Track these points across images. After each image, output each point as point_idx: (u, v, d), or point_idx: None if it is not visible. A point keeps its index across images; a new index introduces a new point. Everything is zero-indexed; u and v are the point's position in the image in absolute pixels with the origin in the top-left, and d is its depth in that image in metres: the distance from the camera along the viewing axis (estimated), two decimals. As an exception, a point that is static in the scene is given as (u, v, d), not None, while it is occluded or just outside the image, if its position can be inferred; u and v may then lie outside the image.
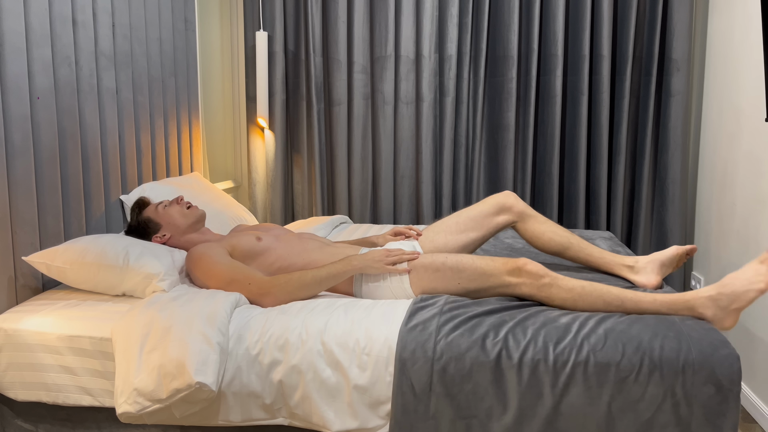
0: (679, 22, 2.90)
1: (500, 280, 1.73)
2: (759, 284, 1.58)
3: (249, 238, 1.97)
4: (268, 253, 1.94)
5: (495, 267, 1.74)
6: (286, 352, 1.57)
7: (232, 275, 1.81)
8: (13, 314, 1.76)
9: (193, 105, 2.85)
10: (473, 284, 1.76)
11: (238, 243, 1.94)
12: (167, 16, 2.61)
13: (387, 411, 1.53)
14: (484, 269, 1.74)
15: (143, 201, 2.12)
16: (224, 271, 1.82)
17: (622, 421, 1.46)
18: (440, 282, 1.78)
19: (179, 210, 2.07)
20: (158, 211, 2.07)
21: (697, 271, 2.99)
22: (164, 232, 2.06)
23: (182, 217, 2.07)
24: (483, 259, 1.77)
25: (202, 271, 1.85)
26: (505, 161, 3.10)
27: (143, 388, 1.52)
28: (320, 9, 3.10)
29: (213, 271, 1.83)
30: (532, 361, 1.49)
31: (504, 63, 3.05)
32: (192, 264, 1.88)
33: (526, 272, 1.70)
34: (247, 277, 1.80)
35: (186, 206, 2.09)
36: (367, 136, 3.17)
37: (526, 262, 1.72)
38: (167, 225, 2.06)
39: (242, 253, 1.92)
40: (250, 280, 1.79)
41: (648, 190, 3.06)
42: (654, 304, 1.64)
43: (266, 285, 1.78)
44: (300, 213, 3.31)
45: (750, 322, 2.42)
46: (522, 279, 1.71)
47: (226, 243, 1.94)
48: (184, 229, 2.07)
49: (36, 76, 1.87)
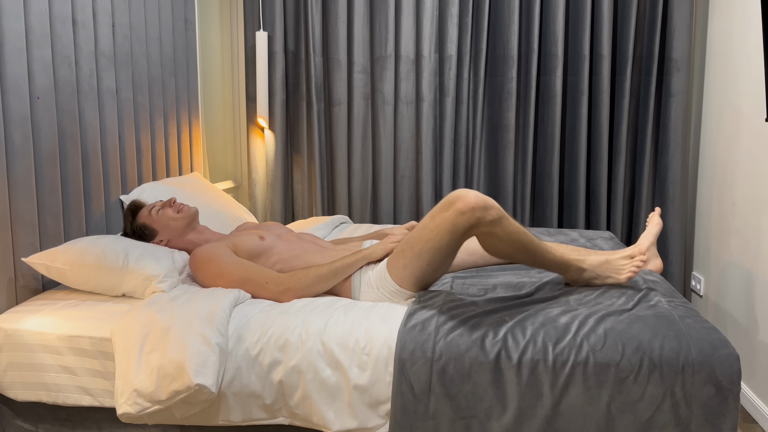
0: (679, 22, 2.90)
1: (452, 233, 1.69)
2: (621, 276, 1.83)
3: (252, 237, 1.97)
4: (270, 253, 1.95)
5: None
6: (286, 352, 1.57)
7: (246, 275, 1.82)
8: (13, 314, 1.76)
9: (193, 105, 2.85)
10: (430, 246, 1.72)
11: (242, 242, 1.94)
12: (167, 16, 2.61)
13: (387, 411, 1.53)
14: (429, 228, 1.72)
15: (136, 205, 2.10)
16: (236, 271, 1.83)
17: (621, 421, 1.46)
18: (408, 256, 1.76)
19: (171, 214, 2.06)
20: (152, 215, 2.06)
21: (697, 271, 2.99)
22: (161, 238, 2.05)
23: (175, 221, 2.06)
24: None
25: (211, 272, 1.84)
26: (505, 161, 3.10)
27: (143, 389, 1.52)
28: (320, 9, 3.10)
29: (224, 270, 1.83)
30: (532, 361, 1.49)
31: (504, 63, 3.05)
32: (199, 266, 1.88)
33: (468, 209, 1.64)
34: (263, 276, 1.82)
35: (177, 209, 2.07)
36: (367, 136, 3.17)
37: (465, 199, 1.64)
38: (163, 230, 2.05)
39: (245, 252, 1.93)
40: (267, 278, 1.82)
41: (648, 190, 3.06)
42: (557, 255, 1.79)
43: (284, 282, 1.81)
44: (300, 213, 3.31)
45: (750, 322, 2.42)
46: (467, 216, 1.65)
47: (229, 242, 1.94)
48: (181, 232, 2.07)
49: (36, 76, 1.87)
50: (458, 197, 1.66)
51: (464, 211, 1.63)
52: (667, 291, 1.83)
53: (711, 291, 2.83)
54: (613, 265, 1.83)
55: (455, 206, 1.65)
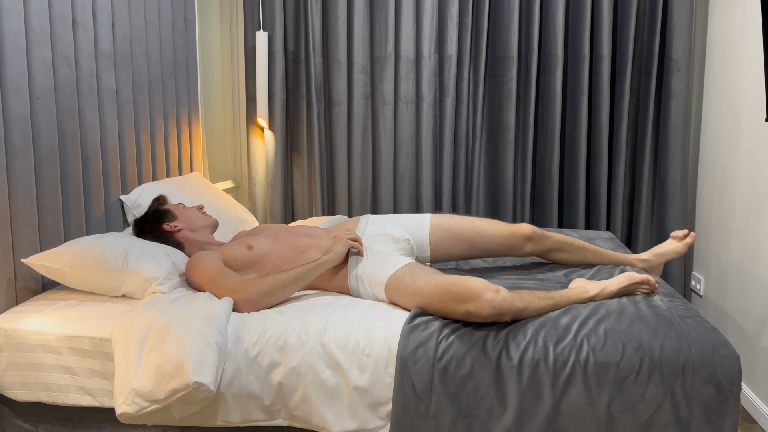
0: (679, 22, 2.90)
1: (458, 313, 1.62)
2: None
3: (240, 247, 1.94)
4: (263, 262, 1.92)
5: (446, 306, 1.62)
6: (286, 353, 1.57)
7: (213, 278, 1.79)
8: (13, 314, 1.75)
9: (193, 105, 2.85)
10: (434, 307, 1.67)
11: (231, 252, 1.92)
12: (167, 16, 2.61)
13: (387, 412, 1.53)
14: (438, 307, 1.64)
15: (165, 197, 2.19)
16: (208, 276, 1.81)
17: (621, 421, 1.46)
18: (408, 302, 1.71)
19: (197, 212, 2.15)
20: (179, 207, 2.15)
21: (697, 271, 2.99)
22: (176, 224, 2.08)
23: (198, 218, 2.13)
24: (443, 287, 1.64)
25: (196, 277, 1.85)
26: (505, 161, 3.10)
27: (141, 389, 1.52)
28: (320, 9, 3.10)
29: (201, 274, 1.83)
30: (532, 361, 1.49)
31: (504, 63, 3.05)
32: (189, 270, 1.90)
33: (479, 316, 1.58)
34: (228, 289, 1.75)
35: (203, 212, 2.17)
36: (367, 136, 3.17)
37: (480, 305, 1.54)
38: (183, 219, 2.10)
39: (236, 263, 1.90)
40: (226, 284, 1.76)
41: (648, 190, 3.06)
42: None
43: (241, 290, 1.74)
44: (300, 213, 3.31)
45: (750, 322, 2.42)
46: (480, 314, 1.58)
47: (221, 252, 1.94)
48: (196, 228, 2.10)
49: (36, 76, 1.87)
50: (472, 298, 1.55)
51: (476, 316, 1.56)
52: (667, 291, 1.84)
53: (711, 291, 2.83)
54: (623, 292, 1.80)
55: (467, 307, 1.56)
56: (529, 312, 1.61)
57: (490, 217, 2.18)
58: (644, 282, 1.80)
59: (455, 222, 2.08)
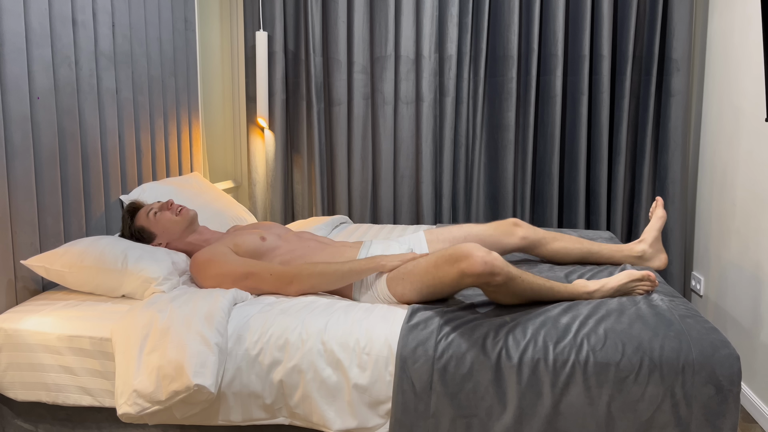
0: (679, 22, 2.90)
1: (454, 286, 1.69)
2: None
3: (253, 237, 1.97)
4: (273, 254, 1.95)
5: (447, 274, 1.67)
6: (286, 352, 1.57)
7: (248, 269, 1.82)
8: (13, 314, 1.75)
9: (193, 105, 2.85)
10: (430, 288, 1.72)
11: (243, 242, 1.94)
12: (167, 16, 2.61)
13: (387, 410, 1.53)
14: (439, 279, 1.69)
15: (134, 207, 2.08)
16: (238, 267, 1.83)
17: (621, 421, 1.46)
18: (407, 286, 1.75)
19: (170, 217, 2.04)
20: (150, 218, 2.04)
21: (697, 271, 2.99)
22: (160, 240, 2.05)
23: (174, 224, 2.04)
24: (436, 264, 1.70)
25: (212, 272, 1.84)
26: (505, 161, 3.10)
27: (142, 390, 1.52)
28: (320, 9, 3.10)
29: (225, 269, 1.83)
30: (532, 360, 1.49)
31: (504, 63, 3.05)
32: (199, 269, 1.87)
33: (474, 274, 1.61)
34: (266, 269, 1.82)
35: (176, 211, 2.05)
36: (367, 136, 3.17)
37: (472, 262, 1.59)
38: (162, 233, 2.04)
39: (246, 252, 1.92)
40: (270, 271, 1.82)
41: (648, 190, 3.06)
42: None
43: (288, 274, 1.80)
44: (300, 213, 3.31)
45: (750, 322, 2.42)
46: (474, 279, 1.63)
47: (229, 242, 1.94)
48: (180, 234, 2.06)
49: (36, 76, 1.87)
50: (465, 256, 1.61)
51: (468, 274, 1.60)
52: (667, 291, 1.84)
53: (711, 291, 2.83)
54: (624, 289, 1.81)
55: (460, 266, 1.61)
56: (523, 283, 1.64)
57: (490, 217, 2.25)
58: (644, 278, 1.81)
59: (446, 229, 2.21)
